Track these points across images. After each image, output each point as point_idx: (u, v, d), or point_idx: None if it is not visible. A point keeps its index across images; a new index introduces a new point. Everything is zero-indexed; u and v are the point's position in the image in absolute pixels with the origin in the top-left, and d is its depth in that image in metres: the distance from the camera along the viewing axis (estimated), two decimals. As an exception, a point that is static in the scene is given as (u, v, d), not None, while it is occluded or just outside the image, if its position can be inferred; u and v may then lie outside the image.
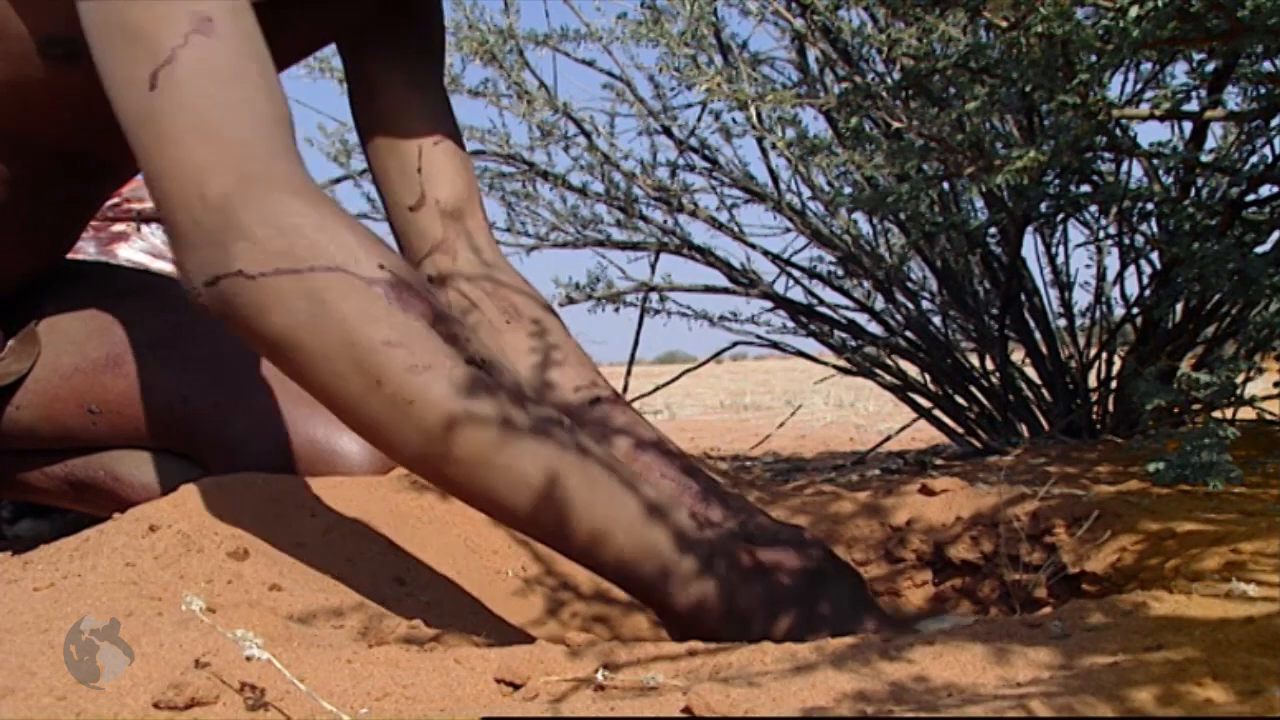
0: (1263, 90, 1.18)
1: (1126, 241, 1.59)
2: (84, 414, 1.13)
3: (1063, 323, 1.70)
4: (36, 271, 1.17)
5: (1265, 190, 1.25)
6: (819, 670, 0.55)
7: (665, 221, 1.91)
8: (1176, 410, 1.37)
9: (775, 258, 1.87)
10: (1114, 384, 1.60)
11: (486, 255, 1.06)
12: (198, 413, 1.11)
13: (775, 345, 1.93)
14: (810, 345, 1.94)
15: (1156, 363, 1.37)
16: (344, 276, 0.71)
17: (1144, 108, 1.14)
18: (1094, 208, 1.55)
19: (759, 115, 1.50)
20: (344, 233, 0.72)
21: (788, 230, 1.84)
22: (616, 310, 1.88)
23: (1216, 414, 1.33)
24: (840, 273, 1.86)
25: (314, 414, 1.09)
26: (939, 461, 1.50)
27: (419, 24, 1.08)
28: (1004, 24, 1.00)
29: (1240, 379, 1.04)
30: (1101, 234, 1.63)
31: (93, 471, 1.16)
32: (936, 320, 1.83)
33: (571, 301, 1.84)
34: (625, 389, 2.01)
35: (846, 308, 1.87)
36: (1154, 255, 1.56)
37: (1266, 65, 1.16)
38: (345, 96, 1.09)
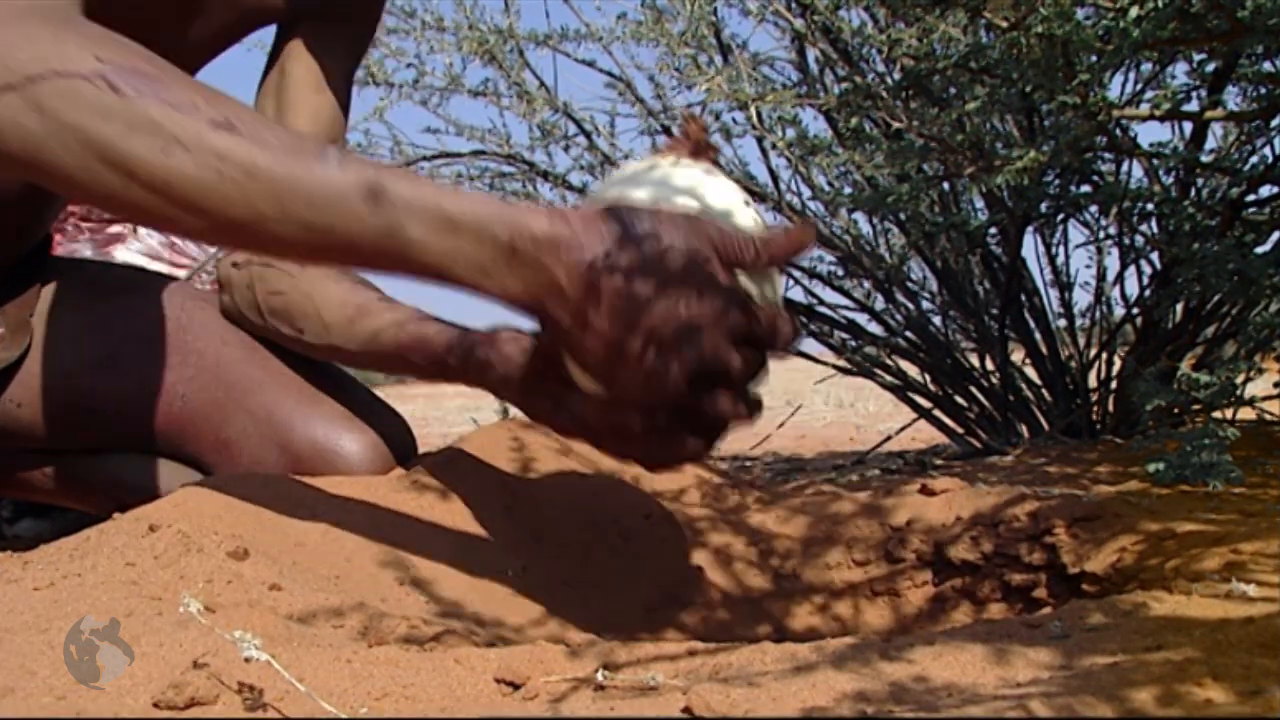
0: (1263, 90, 1.18)
1: (1126, 241, 1.59)
2: (83, 414, 1.13)
3: (1063, 323, 1.70)
4: (24, 246, 1.16)
5: (1265, 190, 1.25)
6: (819, 670, 0.55)
7: (665, 221, 1.91)
8: (1176, 410, 1.37)
9: (775, 258, 1.86)
10: (1114, 384, 1.60)
11: None
12: (196, 412, 1.11)
13: (775, 345, 1.92)
14: (810, 345, 1.94)
15: (1156, 363, 1.37)
16: (62, 80, 0.69)
17: (1144, 108, 1.14)
18: (1094, 208, 1.55)
19: (759, 115, 1.50)
20: (60, 35, 0.70)
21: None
22: (617, 310, 1.88)
23: (1216, 414, 1.33)
24: (840, 273, 1.86)
25: (314, 413, 1.09)
26: (939, 461, 1.50)
27: (353, 22, 1.11)
28: (1004, 24, 1.00)
29: (1240, 379, 1.04)
30: (1101, 234, 1.63)
31: (94, 475, 1.16)
32: (936, 320, 1.83)
33: (572, 301, 1.84)
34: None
35: (846, 308, 1.87)
36: (1154, 255, 1.56)
37: (1266, 65, 1.16)
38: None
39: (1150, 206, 1.34)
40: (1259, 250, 1.15)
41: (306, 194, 0.71)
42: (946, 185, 1.65)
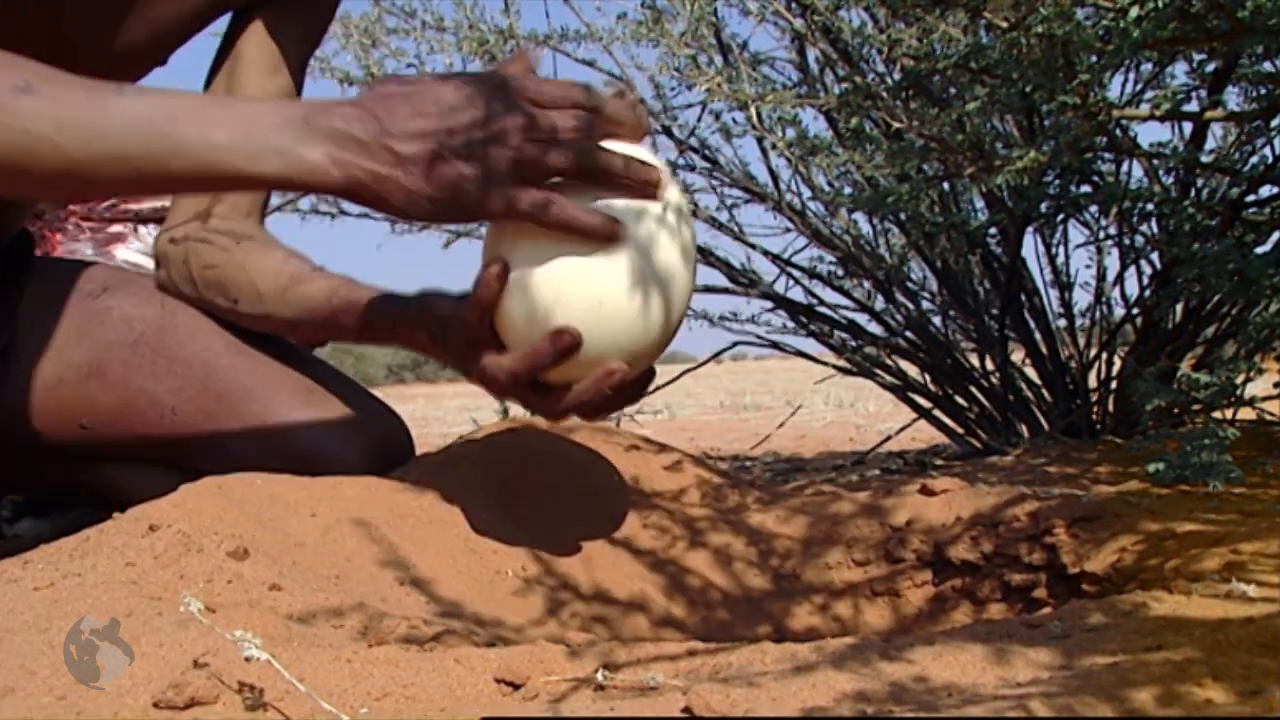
0: (1263, 90, 1.18)
1: (1126, 241, 1.59)
2: (76, 428, 1.12)
3: (1063, 323, 1.70)
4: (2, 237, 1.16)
5: (1265, 190, 1.25)
6: (819, 670, 0.56)
7: (665, 221, 1.91)
8: (1176, 410, 1.37)
9: (775, 258, 1.87)
10: (1114, 384, 1.60)
11: (239, 224, 1.12)
12: (188, 422, 1.10)
13: (775, 345, 1.93)
14: (810, 345, 1.94)
15: (1156, 363, 1.37)
16: None
17: (1144, 108, 1.14)
18: (1094, 208, 1.55)
19: (759, 115, 1.50)
20: None
21: (788, 230, 1.84)
22: (617, 310, 1.88)
23: (1216, 414, 1.33)
24: (840, 273, 1.86)
25: (308, 417, 1.08)
26: (939, 461, 1.50)
27: (312, 9, 1.14)
28: (1004, 24, 1.00)
29: (1240, 379, 1.04)
30: (1101, 234, 1.63)
31: (101, 480, 1.16)
32: (936, 320, 1.83)
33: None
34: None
35: (846, 308, 1.87)
36: (1154, 255, 1.56)
37: (1266, 65, 1.16)
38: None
39: (1150, 206, 1.34)
40: (1259, 250, 1.15)
41: (114, 130, 0.76)
42: (946, 185, 1.65)
